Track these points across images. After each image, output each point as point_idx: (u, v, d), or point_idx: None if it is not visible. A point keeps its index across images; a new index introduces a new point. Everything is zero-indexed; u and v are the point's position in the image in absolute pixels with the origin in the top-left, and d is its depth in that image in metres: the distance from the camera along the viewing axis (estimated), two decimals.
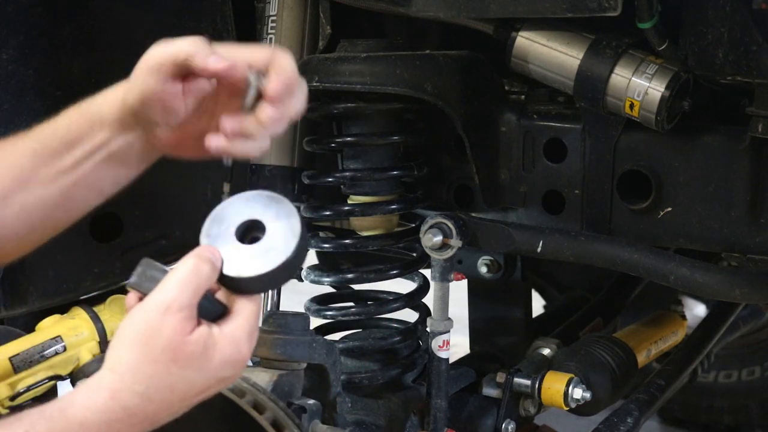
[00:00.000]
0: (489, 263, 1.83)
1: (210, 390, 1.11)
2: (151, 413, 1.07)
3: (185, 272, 1.09)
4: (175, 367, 1.07)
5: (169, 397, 1.08)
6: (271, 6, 1.71)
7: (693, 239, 1.59)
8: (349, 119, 1.66)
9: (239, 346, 1.10)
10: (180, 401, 1.09)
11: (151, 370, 1.06)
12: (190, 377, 1.08)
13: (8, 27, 1.71)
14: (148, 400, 1.06)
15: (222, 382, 1.12)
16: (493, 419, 1.70)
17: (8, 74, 1.72)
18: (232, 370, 1.11)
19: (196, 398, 1.11)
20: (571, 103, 1.62)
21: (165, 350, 1.06)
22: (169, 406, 1.09)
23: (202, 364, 1.08)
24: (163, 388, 1.07)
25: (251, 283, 1.12)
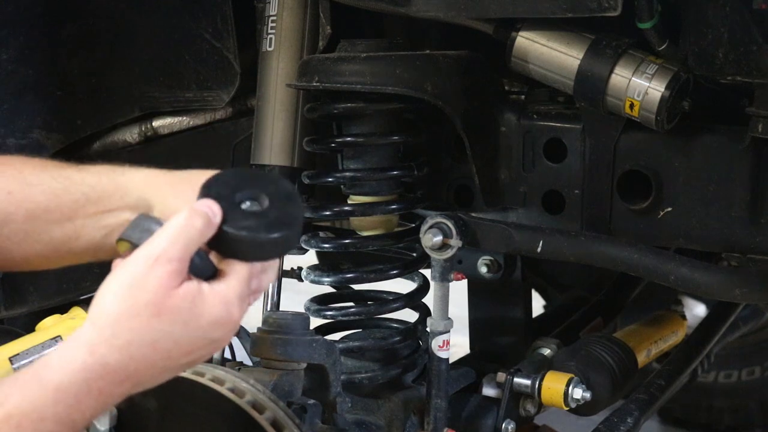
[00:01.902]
0: (489, 263, 1.83)
1: (197, 352, 1.06)
2: (133, 371, 1.02)
3: (177, 225, 1.06)
4: (158, 322, 1.02)
5: (152, 354, 1.03)
6: (271, 6, 1.71)
7: (693, 239, 1.59)
8: (349, 119, 1.66)
9: (230, 306, 1.06)
10: (164, 360, 1.04)
11: (132, 324, 1.02)
12: (174, 334, 1.03)
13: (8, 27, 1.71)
14: (129, 357, 1.01)
15: (211, 345, 1.07)
16: (493, 419, 1.70)
17: (8, 74, 1.73)
18: (221, 332, 1.06)
19: (182, 360, 1.06)
20: (571, 103, 1.62)
21: (149, 304, 1.02)
22: (151, 365, 1.03)
23: (189, 321, 1.04)
24: (146, 344, 1.02)
25: (251, 247, 1.09)
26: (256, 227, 1.10)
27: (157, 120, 1.91)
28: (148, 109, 1.89)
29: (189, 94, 1.84)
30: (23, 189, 1.24)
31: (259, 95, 1.74)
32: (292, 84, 1.66)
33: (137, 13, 1.81)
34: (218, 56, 1.78)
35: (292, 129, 1.72)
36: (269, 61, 1.72)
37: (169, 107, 1.88)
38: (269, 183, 1.15)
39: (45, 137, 1.84)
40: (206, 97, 1.83)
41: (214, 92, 1.82)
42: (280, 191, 1.14)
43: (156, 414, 1.33)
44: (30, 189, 1.24)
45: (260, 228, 1.10)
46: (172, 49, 1.82)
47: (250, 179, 1.15)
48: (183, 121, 1.91)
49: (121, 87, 1.86)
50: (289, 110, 1.72)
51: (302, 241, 1.71)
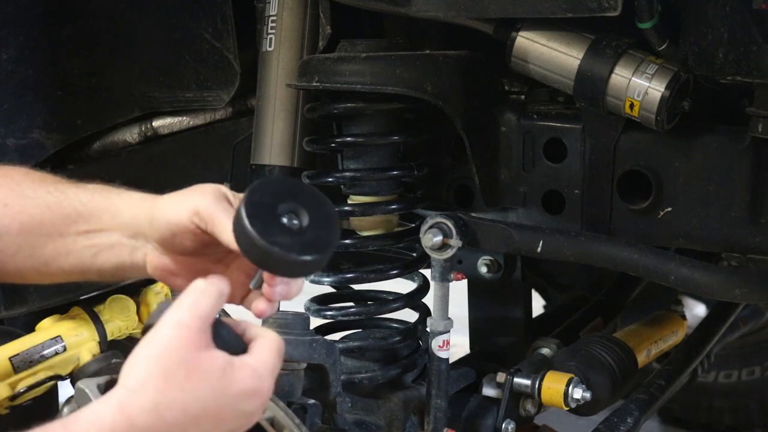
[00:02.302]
0: (489, 263, 1.83)
1: (227, 424, 1.05)
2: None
3: (195, 291, 1.08)
4: (189, 385, 1.02)
5: (182, 418, 1.02)
6: (271, 6, 1.71)
7: (693, 239, 1.59)
8: (349, 119, 1.66)
9: (260, 379, 1.06)
10: (194, 427, 1.03)
11: (163, 386, 1.01)
12: (204, 399, 1.03)
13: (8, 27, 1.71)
14: (159, 419, 1.00)
15: (241, 417, 1.07)
16: (493, 419, 1.70)
17: (8, 74, 1.73)
18: (251, 404, 1.06)
19: (212, 428, 1.04)
20: (571, 103, 1.62)
21: (179, 365, 1.02)
22: (181, 429, 1.02)
23: (219, 388, 1.03)
24: (176, 408, 1.01)
25: (280, 264, 1.11)
26: (289, 245, 1.11)
27: (157, 120, 1.91)
28: (148, 109, 1.89)
29: (189, 94, 1.84)
30: (19, 201, 1.24)
31: (259, 95, 1.74)
32: (292, 84, 1.66)
33: (137, 13, 1.81)
34: (218, 56, 1.78)
35: (292, 129, 1.72)
36: (269, 61, 1.72)
37: (169, 107, 1.88)
38: (313, 199, 1.16)
39: (45, 137, 1.84)
40: (206, 97, 1.83)
41: (214, 92, 1.82)
42: (321, 211, 1.15)
43: None
44: (26, 201, 1.25)
45: (293, 247, 1.11)
46: (172, 49, 1.82)
47: (296, 191, 1.16)
48: (183, 121, 1.91)
49: (121, 87, 1.86)
50: (289, 110, 1.72)
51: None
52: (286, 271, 1.14)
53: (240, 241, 1.11)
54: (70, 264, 1.25)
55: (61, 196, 1.26)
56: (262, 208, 1.11)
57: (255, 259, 1.12)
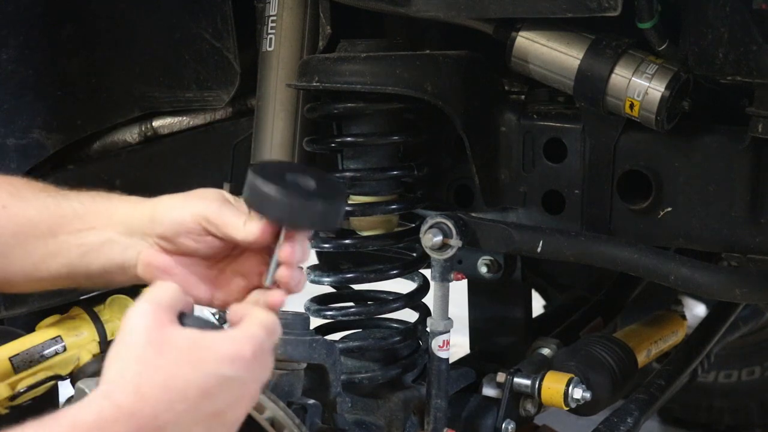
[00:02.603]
0: (489, 263, 1.83)
1: (215, 393, 1.04)
2: (150, 415, 1.01)
3: (152, 287, 1.10)
4: (163, 361, 1.02)
5: (166, 396, 1.02)
6: (271, 6, 1.71)
7: (693, 239, 1.59)
8: (349, 119, 1.66)
9: (238, 343, 1.06)
10: (182, 402, 1.02)
11: (140, 368, 1.02)
12: (183, 373, 1.03)
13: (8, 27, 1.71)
14: (142, 399, 1.01)
15: (230, 386, 1.05)
16: (493, 419, 1.70)
17: (8, 74, 1.72)
18: (233, 368, 1.05)
19: (206, 405, 1.04)
20: (571, 103, 1.62)
21: (147, 345, 1.03)
22: (168, 407, 1.02)
23: (194, 358, 1.03)
24: (156, 385, 1.02)
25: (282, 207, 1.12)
26: (307, 195, 1.13)
27: (157, 120, 1.91)
28: (148, 109, 1.89)
29: (189, 94, 1.84)
30: (17, 203, 1.24)
31: (259, 95, 1.74)
32: (292, 84, 1.66)
33: (137, 13, 1.81)
34: (218, 56, 1.78)
35: (292, 129, 1.72)
36: (269, 61, 1.72)
37: (169, 107, 1.88)
38: (316, 172, 1.18)
39: (45, 137, 1.83)
40: (206, 97, 1.83)
41: (214, 92, 1.82)
42: (325, 179, 1.18)
43: None
44: (23, 203, 1.25)
45: (312, 196, 1.13)
46: (172, 49, 1.82)
47: (298, 167, 1.19)
48: (183, 121, 1.91)
49: (121, 87, 1.86)
50: (289, 110, 1.72)
51: None
52: (308, 219, 1.15)
53: (258, 203, 1.13)
54: (58, 265, 1.25)
55: (61, 199, 1.26)
56: (272, 176, 1.14)
57: (276, 213, 1.13)
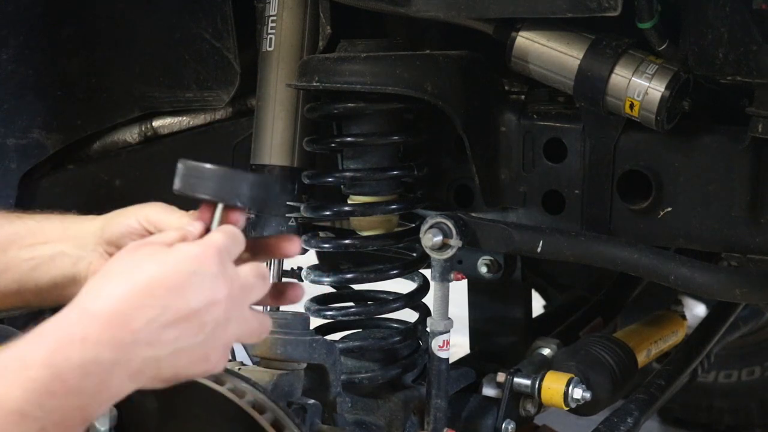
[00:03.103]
0: (489, 263, 1.83)
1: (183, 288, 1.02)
2: (116, 312, 0.98)
3: None
4: (130, 263, 1.03)
5: (131, 292, 1.00)
6: (271, 6, 1.71)
7: (693, 239, 1.59)
8: (349, 119, 1.66)
9: (202, 245, 1.05)
10: (147, 298, 1.00)
11: (104, 273, 1.03)
12: (148, 270, 1.01)
13: (8, 27, 1.71)
14: (107, 296, 0.99)
15: (195, 279, 1.03)
16: (493, 419, 1.70)
17: (8, 74, 1.73)
18: (197, 264, 1.03)
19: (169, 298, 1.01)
20: (571, 103, 1.62)
21: (114, 260, 1.05)
22: (135, 303, 0.99)
23: (159, 258, 1.03)
24: (121, 282, 1.00)
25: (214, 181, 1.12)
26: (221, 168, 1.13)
27: (157, 120, 1.91)
28: (148, 109, 1.89)
29: (189, 94, 1.84)
30: None
31: (259, 95, 1.74)
32: (292, 84, 1.66)
33: (137, 13, 1.81)
34: (218, 56, 1.78)
35: (292, 129, 1.72)
36: (269, 61, 1.72)
37: (169, 107, 1.88)
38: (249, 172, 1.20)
39: (45, 137, 1.84)
40: (206, 97, 1.83)
41: (214, 92, 1.82)
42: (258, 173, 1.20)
43: (156, 414, 1.33)
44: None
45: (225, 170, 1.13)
46: (172, 49, 1.82)
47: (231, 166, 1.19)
48: (183, 121, 1.91)
49: (121, 87, 1.86)
50: (289, 110, 1.72)
51: (302, 241, 1.71)
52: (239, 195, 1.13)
53: (188, 184, 1.13)
54: (7, 281, 1.25)
55: (15, 218, 1.28)
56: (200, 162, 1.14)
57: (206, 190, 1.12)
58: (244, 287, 1.09)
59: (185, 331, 1.02)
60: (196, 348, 1.04)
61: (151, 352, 1.00)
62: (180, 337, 1.02)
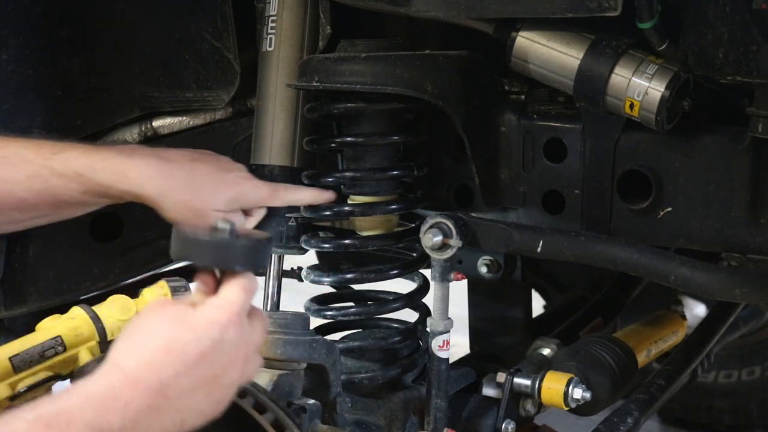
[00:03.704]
0: (489, 263, 1.83)
1: (209, 355, 1.10)
2: (155, 379, 1.07)
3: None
4: (163, 326, 1.10)
5: (166, 358, 1.08)
6: (271, 6, 1.71)
7: (693, 239, 1.59)
8: (349, 119, 1.66)
9: (219, 309, 1.13)
10: (181, 365, 1.08)
11: (141, 335, 1.10)
12: (181, 337, 1.09)
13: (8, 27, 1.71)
14: (146, 363, 1.07)
15: (220, 346, 1.12)
16: (493, 419, 1.70)
17: (8, 74, 1.72)
18: (223, 331, 1.12)
19: (199, 365, 1.10)
20: (571, 103, 1.62)
21: (148, 318, 1.12)
22: (174, 374, 1.08)
23: (189, 324, 1.10)
24: (158, 348, 1.08)
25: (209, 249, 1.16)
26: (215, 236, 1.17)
27: (157, 120, 1.91)
28: (148, 109, 1.88)
29: (189, 94, 1.84)
30: None
31: (259, 95, 1.74)
32: (292, 84, 1.66)
33: (137, 13, 1.81)
34: (218, 56, 1.78)
35: (292, 129, 1.72)
36: (269, 61, 1.72)
37: (169, 107, 1.88)
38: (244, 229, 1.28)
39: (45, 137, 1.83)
40: (206, 97, 1.83)
41: (214, 92, 1.82)
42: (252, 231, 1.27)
43: None
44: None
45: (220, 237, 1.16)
46: (172, 49, 1.82)
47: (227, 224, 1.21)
48: (183, 121, 1.91)
49: (121, 87, 1.86)
50: (289, 110, 1.72)
51: (302, 241, 1.71)
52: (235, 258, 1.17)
53: (185, 253, 1.18)
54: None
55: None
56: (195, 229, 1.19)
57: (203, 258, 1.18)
58: (255, 345, 1.19)
59: (208, 393, 1.12)
60: (214, 405, 1.14)
61: (178, 415, 1.10)
62: (203, 399, 1.12)
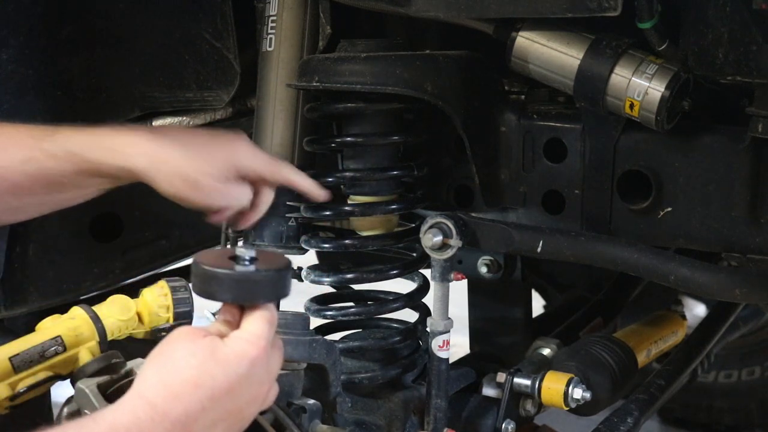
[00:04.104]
0: (489, 263, 1.83)
1: (236, 390, 1.11)
2: (182, 413, 1.07)
3: None
4: (194, 360, 1.09)
5: (195, 393, 1.08)
6: (271, 6, 1.71)
7: (693, 239, 1.59)
8: (349, 119, 1.66)
9: (248, 344, 1.13)
10: (210, 401, 1.08)
11: (170, 367, 1.09)
12: (210, 371, 1.09)
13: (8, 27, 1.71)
14: (174, 396, 1.06)
15: (247, 381, 1.12)
16: (493, 419, 1.70)
17: (8, 74, 1.73)
18: (251, 367, 1.12)
19: (228, 403, 1.10)
20: (571, 103, 1.62)
21: (178, 349, 1.10)
22: (200, 408, 1.08)
23: (217, 357, 1.10)
24: (187, 382, 1.08)
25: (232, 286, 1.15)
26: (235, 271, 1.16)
27: (157, 120, 1.91)
28: (148, 109, 1.89)
29: (189, 94, 1.84)
30: None
31: (259, 95, 1.74)
32: (292, 84, 1.66)
33: (137, 13, 1.81)
34: (218, 56, 1.78)
35: (292, 129, 1.72)
36: (269, 61, 1.72)
37: (169, 107, 1.88)
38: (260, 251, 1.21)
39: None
40: (206, 97, 1.83)
41: (214, 92, 1.82)
42: (269, 254, 1.22)
43: None
44: None
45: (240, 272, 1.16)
46: (172, 49, 1.82)
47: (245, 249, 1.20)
48: (183, 121, 1.91)
49: (121, 87, 1.86)
50: (289, 110, 1.72)
51: (302, 241, 1.71)
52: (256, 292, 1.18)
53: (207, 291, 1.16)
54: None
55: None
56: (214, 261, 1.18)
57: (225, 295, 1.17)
58: (276, 374, 1.19)
59: (229, 426, 1.13)
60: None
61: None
62: (226, 430, 1.12)
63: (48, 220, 1.81)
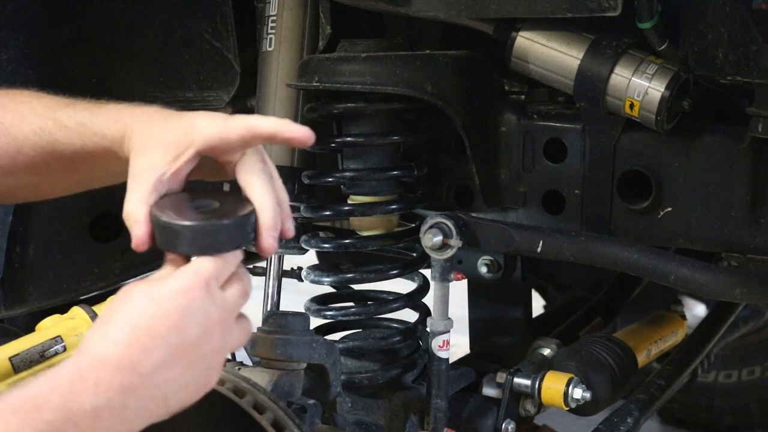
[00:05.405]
0: (489, 263, 1.83)
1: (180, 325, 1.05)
2: (125, 359, 1.02)
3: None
4: (127, 307, 1.05)
5: (133, 335, 1.03)
6: (271, 6, 1.71)
7: (693, 239, 1.59)
8: (349, 119, 1.66)
9: (185, 278, 1.07)
10: (150, 339, 1.04)
11: (107, 318, 1.06)
12: (145, 311, 1.05)
13: (9, 27, 1.71)
14: (113, 342, 1.03)
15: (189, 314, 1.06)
16: (493, 419, 1.70)
17: (8, 74, 1.72)
18: (189, 298, 1.06)
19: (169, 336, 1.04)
20: (571, 103, 1.62)
21: (115, 302, 1.07)
22: (139, 347, 1.03)
23: (153, 296, 1.05)
24: (124, 325, 1.04)
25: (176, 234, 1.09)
26: (182, 217, 1.10)
27: None
28: None
29: (189, 93, 1.84)
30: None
31: (259, 95, 1.74)
32: (292, 84, 1.66)
33: (137, 13, 1.81)
34: (218, 56, 1.78)
35: None
36: (269, 61, 1.72)
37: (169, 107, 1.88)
38: (225, 195, 1.16)
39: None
40: (206, 97, 1.83)
41: (214, 92, 1.82)
42: (237, 197, 1.15)
43: None
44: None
45: (186, 218, 1.09)
46: (172, 48, 1.82)
47: (214, 193, 1.16)
48: None
49: (121, 87, 1.86)
50: (289, 110, 1.72)
51: (302, 241, 1.71)
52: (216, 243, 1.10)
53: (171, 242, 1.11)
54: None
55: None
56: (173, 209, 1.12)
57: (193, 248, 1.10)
58: (232, 310, 1.12)
59: (188, 365, 1.07)
60: (198, 377, 1.09)
61: (159, 391, 1.05)
62: (184, 372, 1.07)
63: (48, 220, 1.81)
